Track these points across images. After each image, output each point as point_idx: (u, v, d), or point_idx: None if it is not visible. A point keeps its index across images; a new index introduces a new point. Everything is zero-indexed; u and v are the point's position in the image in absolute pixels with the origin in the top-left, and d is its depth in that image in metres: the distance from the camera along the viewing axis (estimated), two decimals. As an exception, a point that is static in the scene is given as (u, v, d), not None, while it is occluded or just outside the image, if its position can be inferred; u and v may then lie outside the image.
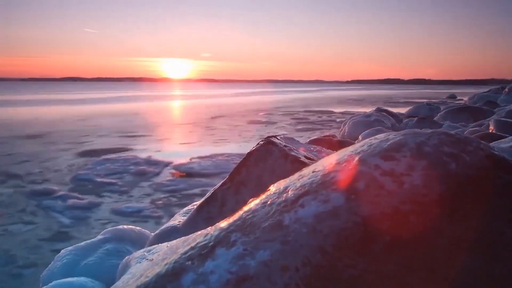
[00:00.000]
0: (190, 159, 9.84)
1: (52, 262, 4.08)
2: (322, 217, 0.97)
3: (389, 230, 0.95)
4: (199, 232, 1.76)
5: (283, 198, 1.07)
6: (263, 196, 1.17)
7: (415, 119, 15.14)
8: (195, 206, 2.84)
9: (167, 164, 9.22)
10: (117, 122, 19.37)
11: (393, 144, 1.13)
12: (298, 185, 1.11)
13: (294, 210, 1.00)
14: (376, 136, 1.30)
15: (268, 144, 2.42)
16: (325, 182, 1.06)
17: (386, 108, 18.83)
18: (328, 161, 1.20)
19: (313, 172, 1.17)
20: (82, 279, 3.53)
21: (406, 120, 16.35)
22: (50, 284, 3.34)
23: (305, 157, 2.37)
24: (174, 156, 10.34)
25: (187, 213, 2.75)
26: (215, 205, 2.45)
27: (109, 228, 4.35)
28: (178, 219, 2.69)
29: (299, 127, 18.26)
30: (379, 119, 14.62)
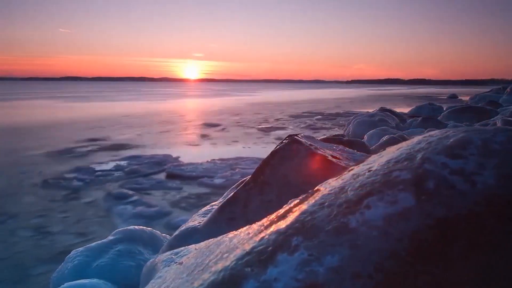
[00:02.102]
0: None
1: (62, 263, 3.99)
2: (392, 219, 0.89)
3: (465, 234, 0.87)
4: (231, 235, 1.68)
5: (343, 199, 1.00)
6: (316, 197, 1.10)
7: (420, 118, 15.09)
8: (214, 207, 2.77)
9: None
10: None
11: (456, 142, 1.06)
12: (357, 185, 1.04)
13: (359, 211, 0.93)
14: (430, 133, 1.22)
15: (293, 142, 2.34)
16: (389, 182, 0.98)
17: (389, 108, 18.80)
18: (384, 160, 1.13)
19: (369, 171, 1.09)
20: (94, 281, 3.44)
21: (410, 120, 16.29)
22: (62, 286, 3.26)
23: (332, 156, 2.30)
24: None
25: (206, 213, 2.68)
26: (238, 205, 2.37)
27: (120, 229, 4.27)
28: (198, 219, 2.61)
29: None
30: (383, 119, 14.57)
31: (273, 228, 1.05)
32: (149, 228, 4.29)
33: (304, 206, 1.08)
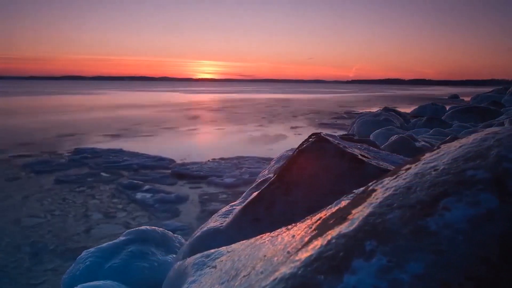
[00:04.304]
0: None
1: (73, 264, 3.90)
2: (477, 222, 0.82)
3: (560, 238, 0.80)
4: (267, 237, 1.60)
5: (414, 200, 0.92)
6: (378, 197, 1.02)
7: (424, 118, 15.02)
8: (234, 207, 2.69)
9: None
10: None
11: (531, 138, 0.98)
12: (426, 185, 0.96)
13: (438, 213, 0.85)
14: (492, 129, 1.15)
15: (320, 141, 2.26)
16: (465, 182, 0.91)
17: (393, 107, 18.73)
18: (449, 158, 1.05)
19: (435, 170, 1.02)
20: (108, 282, 3.35)
21: (414, 120, 16.21)
22: (75, 288, 3.17)
23: (361, 155, 2.22)
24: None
25: (227, 214, 2.60)
26: (262, 205, 2.29)
27: (132, 229, 4.18)
28: (219, 220, 2.53)
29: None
30: (388, 119, 14.50)
31: (334, 231, 0.97)
32: (160, 229, 4.20)
33: (367, 208, 1.00)
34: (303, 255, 0.92)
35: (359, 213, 0.99)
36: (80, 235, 5.42)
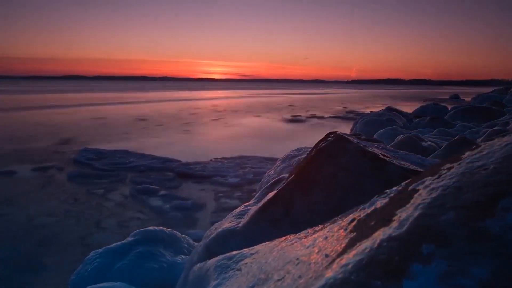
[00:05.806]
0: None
1: (81, 265, 3.84)
2: (541, 224, 0.77)
3: None
4: (294, 238, 1.55)
5: (469, 200, 0.88)
6: (425, 198, 0.97)
7: (427, 118, 14.97)
8: (249, 208, 2.64)
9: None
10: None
11: None
12: (478, 185, 0.91)
13: (498, 215, 0.81)
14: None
15: (340, 140, 2.21)
16: (521, 181, 0.86)
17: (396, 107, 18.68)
18: (496, 157, 1.01)
19: (485, 169, 0.97)
20: (118, 284, 3.30)
21: (417, 119, 16.17)
22: (86, 289, 3.13)
23: (382, 154, 2.17)
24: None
25: (241, 214, 2.55)
26: (281, 206, 2.24)
27: (139, 230, 4.13)
28: (234, 221, 2.47)
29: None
30: (391, 118, 14.46)
31: (382, 233, 0.92)
32: (168, 229, 4.14)
33: (414, 209, 0.95)
34: (351, 259, 0.88)
35: (407, 215, 0.94)
36: (84, 235, 5.37)
